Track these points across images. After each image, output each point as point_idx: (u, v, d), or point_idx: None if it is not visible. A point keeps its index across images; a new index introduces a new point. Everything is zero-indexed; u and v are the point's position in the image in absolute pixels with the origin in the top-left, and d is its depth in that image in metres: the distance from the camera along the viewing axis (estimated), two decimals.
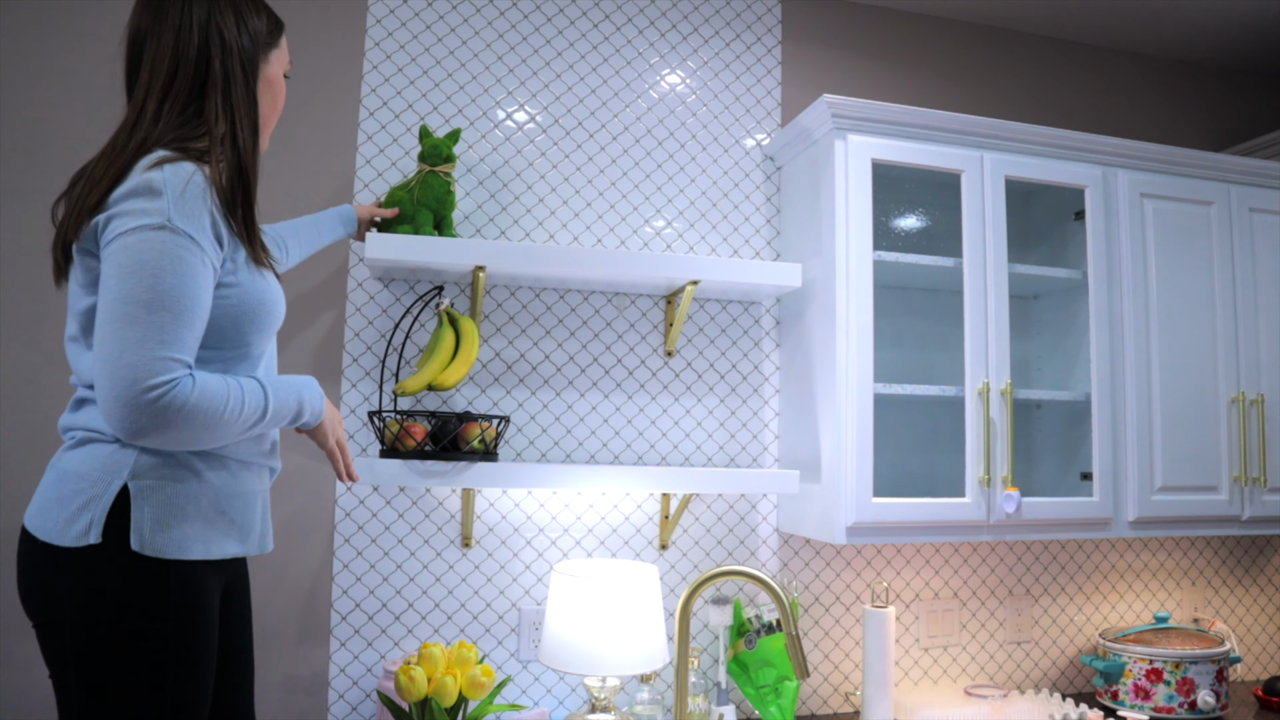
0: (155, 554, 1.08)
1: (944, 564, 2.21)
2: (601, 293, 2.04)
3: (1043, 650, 2.27)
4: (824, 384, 1.90)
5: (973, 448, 1.89)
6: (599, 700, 1.70)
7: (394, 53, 1.98)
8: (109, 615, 1.06)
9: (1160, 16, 2.39)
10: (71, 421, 1.15)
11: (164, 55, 1.15)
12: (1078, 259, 2.12)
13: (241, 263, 1.16)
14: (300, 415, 1.21)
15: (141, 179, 1.07)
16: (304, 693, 1.81)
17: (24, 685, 1.68)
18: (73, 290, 1.15)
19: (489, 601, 1.91)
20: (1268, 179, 2.20)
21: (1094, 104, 2.52)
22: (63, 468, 1.12)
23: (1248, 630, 2.46)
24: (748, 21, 2.23)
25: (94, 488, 1.09)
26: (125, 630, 1.06)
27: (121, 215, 1.06)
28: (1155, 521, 2.02)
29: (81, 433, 1.13)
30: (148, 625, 1.07)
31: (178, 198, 1.07)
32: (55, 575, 1.08)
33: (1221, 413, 2.08)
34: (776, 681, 1.87)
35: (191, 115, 1.16)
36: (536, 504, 1.96)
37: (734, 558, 2.07)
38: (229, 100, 1.17)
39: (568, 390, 2.00)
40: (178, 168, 1.09)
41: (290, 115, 1.92)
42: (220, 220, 1.12)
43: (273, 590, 1.81)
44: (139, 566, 1.08)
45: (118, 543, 1.07)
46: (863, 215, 1.87)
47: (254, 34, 1.22)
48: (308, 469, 1.85)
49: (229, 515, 1.18)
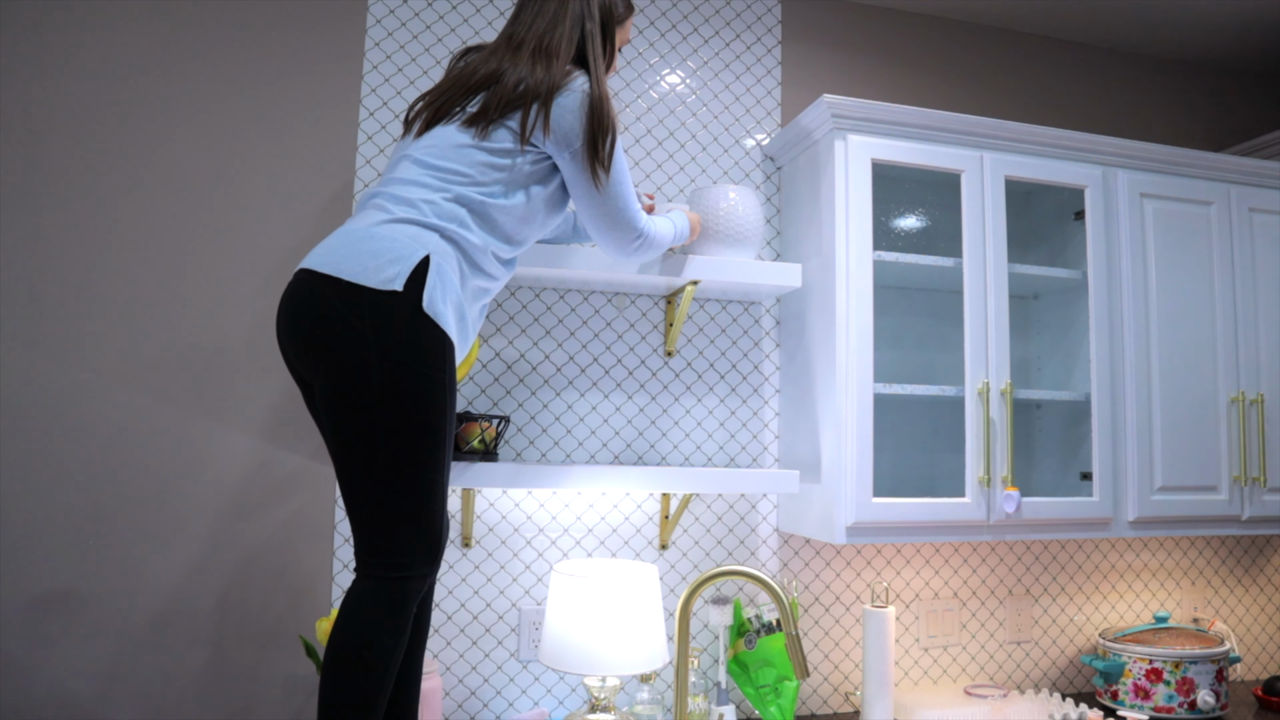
0: (435, 318, 1.32)
1: (944, 564, 2.21)
2: (601, 293, 2.04)
3: (1043, 650, 2.27)
4: (824, 384, 1.90)
5: (973, 448, 1.89)
6: (599, 700, 1.70)
7: (394, 53, 1.98)
8: (401, 350, 1.28)
9: (1160, 16, 2.39)
10: (387, 212, 1.37)
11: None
12: (1078, 259, 2.12)
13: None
14: (680, 238, 1.73)
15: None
16: (304, 693, 1.81)
17: (24, 685, 1.68)
18: (452, 134, 1.44)
19: (489, 601, 1.91)
20: (1268, 179, 2.20)
21: (1094, 104, 2.52)
22: (375, 233, 1.33)
23: (1248, 630, 2.46)
24: (748, 21, 2.23)
25: (404, 249, 1.32)
26: (415, 367, 1.29)
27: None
28: (1155, 521, 2.02)
29: (397, 212, 1.37)
30: (429, 369, 1.30)
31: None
32: (353, 309, 1.28)
33: (1221, 413, 2.09)
34: (776, 681, 1.87)
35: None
36: (536, 504, 1.96)
37: (734, 558, 2.07)
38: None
39: (568, 390, 2.00)
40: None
41: (290, 115, 1.92)
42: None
43: (273, 590, 1.81)
44: (426, 322, 1.31)
45: (413, 299, 1.30)
46: (863, 215, 1.87)
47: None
48: (308, 469, 1.85)
49: (470, 328, 1.46)
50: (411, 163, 1.43)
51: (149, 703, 1.73)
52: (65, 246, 1.78)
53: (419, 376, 1.29)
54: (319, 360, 1.30)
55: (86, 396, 1.76)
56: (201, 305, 1.83)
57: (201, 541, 1.79)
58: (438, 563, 1.33)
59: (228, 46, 1.90)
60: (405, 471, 1.28)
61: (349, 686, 1.23)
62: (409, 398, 1.28)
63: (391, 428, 1.27)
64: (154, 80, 1.85)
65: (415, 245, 1.33)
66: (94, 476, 1.75)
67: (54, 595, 1.71)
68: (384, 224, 1.35)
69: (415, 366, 1.29)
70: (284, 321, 1.35)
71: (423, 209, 1.37)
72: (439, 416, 1.31)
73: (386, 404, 1.27)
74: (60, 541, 1.72)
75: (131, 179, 1.82)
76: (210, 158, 1.87)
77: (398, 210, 1.37)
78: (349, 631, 1.24)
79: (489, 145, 1.42)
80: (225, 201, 1.87)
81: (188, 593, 1.77)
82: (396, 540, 1.28)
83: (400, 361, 1.28)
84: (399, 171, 1.43)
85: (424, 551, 1.30)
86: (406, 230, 1.35)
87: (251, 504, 1.82)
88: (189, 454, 1.80)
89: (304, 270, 1.34)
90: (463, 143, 1.42)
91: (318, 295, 1.30)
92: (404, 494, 1.28)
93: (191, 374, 1.81)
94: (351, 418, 1.28)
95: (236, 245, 1.86)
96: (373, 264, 1.30)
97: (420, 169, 1.41)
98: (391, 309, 1.29)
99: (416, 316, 1.30)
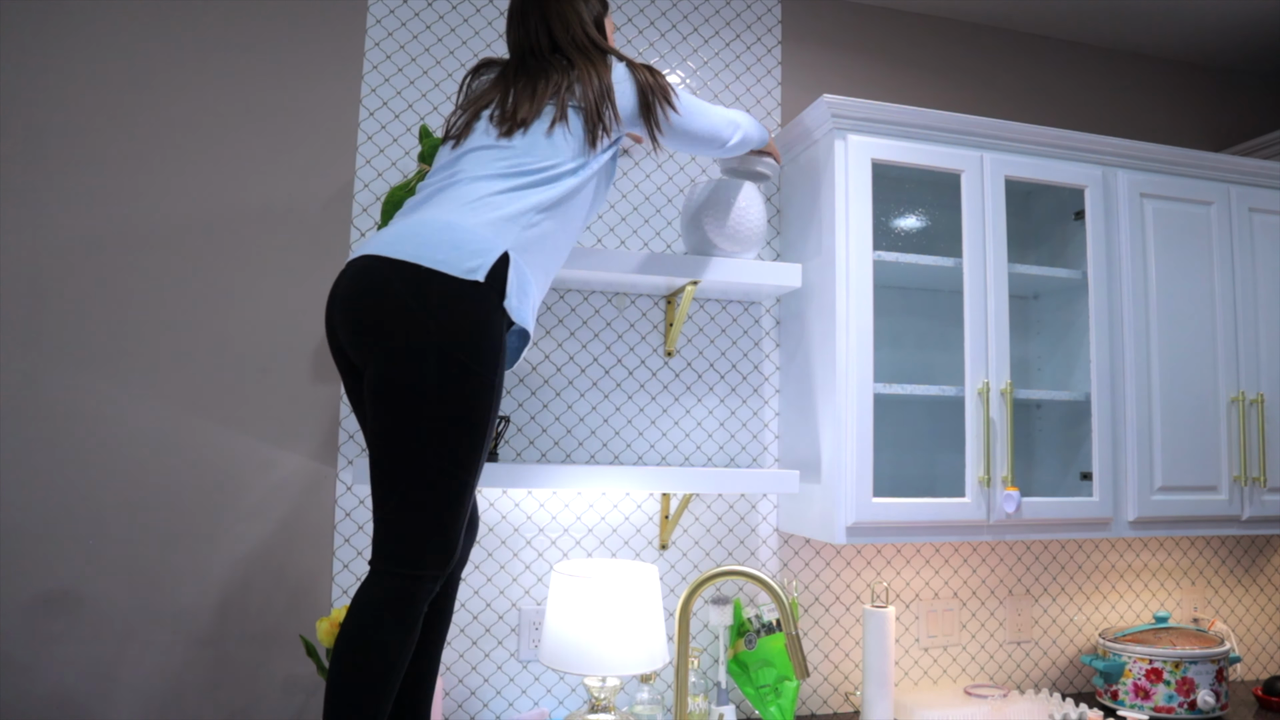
0: (512, 315, 1.34)
1: (944, 564, 2.21)
2: (601, 293, 2.04)
3: (1043, 650, 2.27)
4: (824, 384, 1.90)
5: (973, 448, 1.89)
6: (599, 700, 1.70)
7: (394, 53, 1.98)
8: (462, 346, 1.28)
9: (1160, 16, 2.39)
10: (462, 205, 1.38)
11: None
12: (1078, 259, 2.12)
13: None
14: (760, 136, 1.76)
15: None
16: (304, 693, 1.81)
17: (24, 685, 1.68)
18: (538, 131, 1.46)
19: (489, 601, 1.91)
20: (1268, 179, 2.20)
21: (1094, 104, 2.52)
22: (460, 227, 1.34)
23: (1248, 630, 2.46)
24: (748, 21, 2.23)
25: (484, 245, 1.33)
26: (472, 365, 1.28)
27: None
28: (1155, 521, 2.02)
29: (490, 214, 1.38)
30: (485, 369, 1.30)
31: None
32: (422, 297, 1.28)
33: (1221, 413, 2.09)
34: (776, 681, 1.87)
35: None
36: (536, 504, 1.96)
37: (734, 558, 2.07)
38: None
39: (568, 390, 2.00)
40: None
41: (290, 115, 1.92)
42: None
43: (273, 590, 1.81)
44: (499, 319, 1.33)
45: (493, 293, 1.32)
46: (863, 215, 1.87)
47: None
48: (308, 469, 1.85)
49: (536, 320, 1.47)
50: (478, 159, 1.43)
51: (149, 702, 1.73)
52: (65, 246, 1.78)
53: (473, 376, 1.28)
54: (376, 345, 1.29)
55: (86, 396, 1.76)
56: (201, 305, 1.83)
57: (201, 541, 1.79)
58: (450, 566, 1.31)
59: (228, 46, 1.90)
60: (440, 469, 1.27)
61: (355, 678, 1.23)
62: (459, 395, 1.27)
63: (436, 423, 1.26)
64: (154, 80, 1.85)
65: (496, 238, 1.33)
66: (94, 477, 1.75)
67: (54, 595, 1.71)
68: (461, 217, 1.35)
69: (472, 365, 1.28)
70: (340, 304, 1.33)
71: (496, 203, 1.37)
72: (483, 420, 1.30)
73: (437, 398, 1.26)
74: (60, 541, 1.72)
75: (131, 179, 1.82)
76: (210, 157, 1.87)
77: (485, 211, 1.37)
78: (359, 625, 1.24)
79: (559, 143, 1.45)
80: (225, 201, 1.87)
81: (188, 593, 1.77)
82: (416, 539, 1.27)
83: (459, 358, 1.27)
84: (467, 167, 1.43)
85: (440, 554, 1.28)
86: (487, 221, 1.35)
87: (251, 504, 1.82)
88: (189, 454, 1.80)
89: (369, 256, 1.33)
90: (534, 142, 1.44)
91: (385, 279, 1.29)
92: (433, 492, 1.27)
93: (192, 374, 1.81)
94: (398, 408, 1.27)
95: (236, 245, 1.86)
96: (455, 254, 1.30)
97: (490, 160, 1.42)
98: (467, 300, 1.29)
99: (493, 312, 1.31)
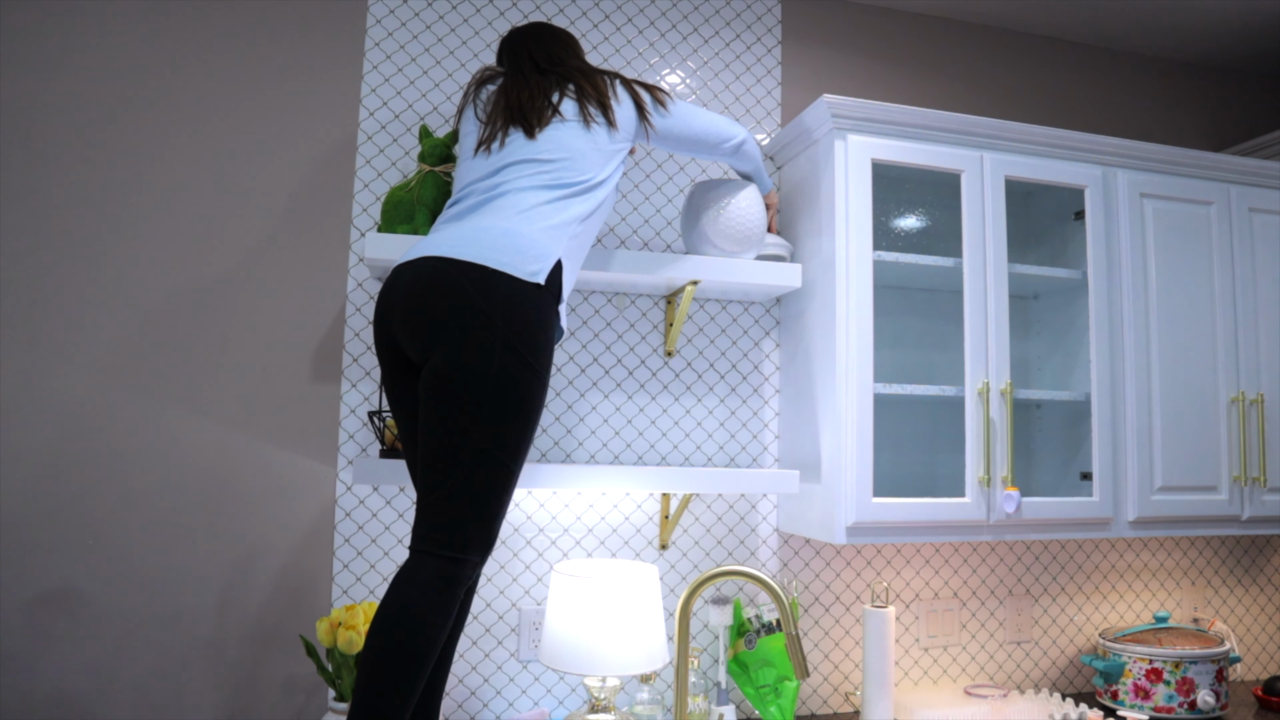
0: (561, 316, 1.44)
1: (944, 564, 2.21)
2: (601, 293, 2.04)
3: (1043, 650, 2.27)
4: (824, 384, 1.90)
5: (973, 448, 1.89)
6: (599, 700, 1.70)
7: (394, 53, 1.98)
8: (524, 343, 1.34)
9: (1160, 17, 2.39)
10: (513, 213, 1.45)
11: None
12: (1078, 259, 2.12)
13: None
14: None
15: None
16: (304, 693, 1.81)
17: (24, 684, 1.68)
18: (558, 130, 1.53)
19: (489, 601, 1.91)
20: (1268, 179, 2.20)
21: (1094, 104, 2.52)
22: (522, 234, 1.40)
23: (1248, 630, 2.46)
24: (748, 21, 2.23)
25: (544, 250, 1.40)
26: (531, 362, 1.35)
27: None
28: (1155, 521, 2.02)
29: (545, 222, 1.45)
30: (542, 367, 1.37)
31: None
32: (488, 295, 1.34)
33: (1221, 413, 2.09)
34: (776, 681, 1.87)
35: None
36: (536, 504, 1.96)
37: (734, 558, 2.07)
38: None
39: (568, 390, 2.00)
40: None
41: (290, 115, 1.92)
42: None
43: (273, 590, 1.81)
44: (555, 320, 1.41)
45: (552, 294, 1.41)
46: (863, 215, 1.87)
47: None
48: (308, 469, 1.85)
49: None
50: (520, 171, 1.49)
51: (149, 702, 1.73)
52: (65, 246, 1.78)
53: (532, 372, 1.35)
54: (439, 339, 1.34)
55: (86, 396, 1.76)
56: (201, 305, 1.83)
57: (202, 541, 1.79)
58: (489, 554, 1.38)
59: (228, 46, 1.90)
60: (495, 458, 1.33)
61: (395, 657, 1.23)
62: (518, 391, 1.34)
63: (495, 416, 1.32)
64: (154, 80, 1.85)
65: (552, 245, 1.42)
66: (94, 476, 1.75)
67: (54, 594, 1.71)
68: (518, 224, 1.42)
69: (532, 361, 1.35)
70: (404, 301, 1.38)
71: (546, 213, 1.44)
72: (536, 413, 1.37)
73: (498, 392, 1.32)
74: (60, 541, 1.72)
75: (131, 179, 1.82)
76: (210, 157, 1.87)
77: (539, 220, 1.44)
78: (400, 604, 1.25)
79: (590, 157, 1.52)
80: (225, 201, 1.87)
81: (188, 593, 1.77)
82: (464, 524, 1.31)
83: (520, 354, 1.34)
84: (510, 179, 1.48)
85: (484, 540, 1.34)
86: (543, 229, 1.42)
87: (251, 504, 1.82)
88: (189, 454, 1.80)
89: (433, 257, 1.38)
90: (582, 147, 1.51)
91: (453, 278, 1.35)
92: (486, 480, 1.32)
93: (192, 374, 1.81)
94: (462, 398, 1.32)
95: (236, 245, 1.86)
96: (518, 258, 1.37)
97: (533, 174, 1.48)
98: (531, 300, 1.36)
99: (551, 313, 1.39)
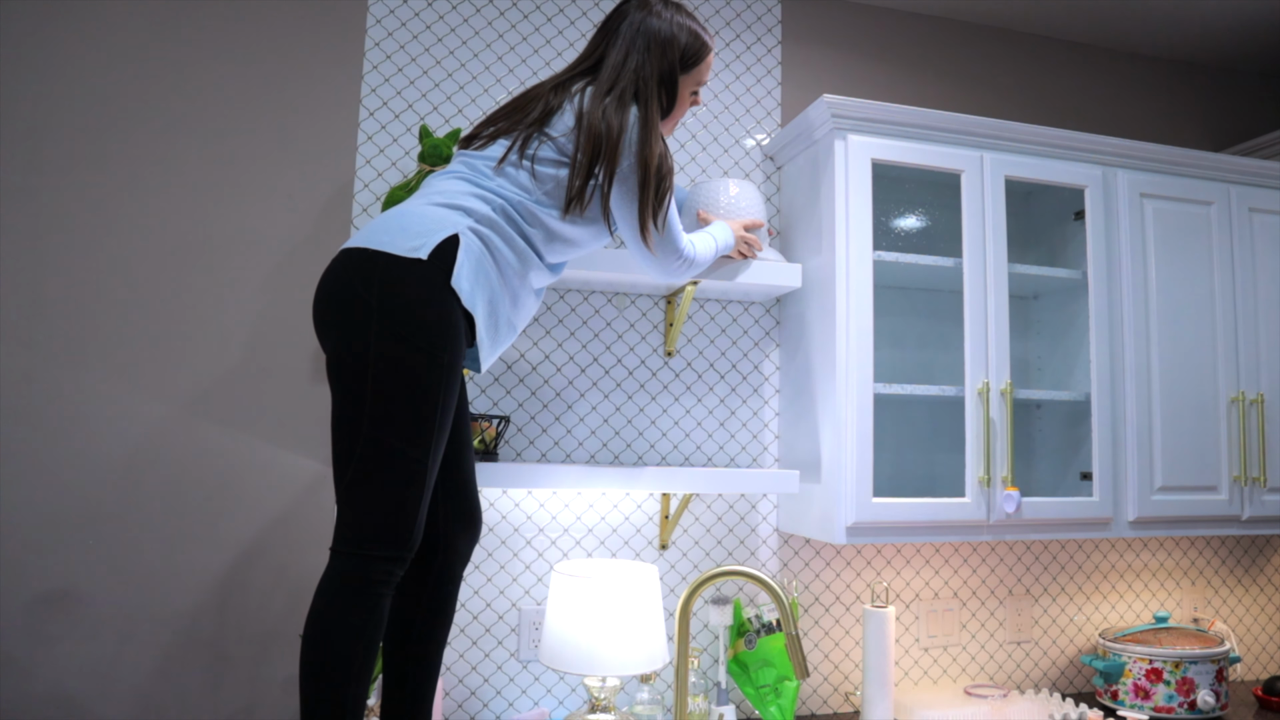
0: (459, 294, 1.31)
1: (944, 564, 2.21)
2: (601, 293, 2.04)
3: (1043, 650, 2.27)
4: (824, 384, 1.90)
5: (973, 448, 1.89)
6: (599, 700, 1.70)
7: (394, 53, 1.98)
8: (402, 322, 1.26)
9: (1160, 17, 2.39)
10: (442, 197, 1.40)
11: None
12: (1077, 259, 2.12)
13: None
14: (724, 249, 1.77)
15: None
16: None
17: (24, 684, 1.68)
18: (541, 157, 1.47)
19: (489, 601, 1.91)
20: (1268, 179, 2.20)
21: (1094, 104, 2.52)
22: (411, 213, 1.36)
23: (1248, 630, 2.46)
24: (748, 21, 2.23)
25: (431, 225, 1.33)
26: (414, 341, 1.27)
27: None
28: (1155, 521, 2.02)
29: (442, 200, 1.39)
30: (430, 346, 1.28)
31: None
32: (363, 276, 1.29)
33: (1221, 413, 2.08)
34: (776, 681, 1.87)
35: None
36: (536, 504, 1.96)
37: (734, 558, 2.07)
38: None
39: (568, 390, 2.00)
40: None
41: (290, 115, 1.92)
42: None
43: (273, 590, 1.81)
44: (446, 297, 1.30)
45: (437, 270, 1.30)
46: (863, 215, 1.87)
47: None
48: (308, 469, 1.85)
49: (503, 326, 1.43)
50: (462, 163, 1.48)
51: (149, 702, 1.73)
52: (65, 246, 1.78)
53: (416, 351, 1.26)
54: (328, 332, 1.32)
55: (86, 397, 1.76)
56: (201, 305, 1.83)
57: (201, 541, 1.79)
58: (405, 554, 1.27)
59: (228, 47, 1.90)
60: (386, 447, 1.25)
61: (314, 658, 1.22)
62: (401, 372, 1.25)
63: (378, 399, 1.25)
64: (154, 80, 1.85)
65: (441, 221, 1.34)
66: (94, 476, 1.75)
67: (54, 595, 1.71)
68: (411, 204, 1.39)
69: (415, 341, 1.26)
70: (314, 301, 1.39)
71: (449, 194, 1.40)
72: (429, 396, 1.27)
73: (378, 375, 1.25)
74: (60, 541, 1.72)
75: (131, 179, 1.82)
76: (210, 157, 1.87)
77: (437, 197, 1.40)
78: (314, 608, 1.25)
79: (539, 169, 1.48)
80: (225, 201, 1.87)
81: (188, 593, 1.77)
82: (363, 518, 1.25)
83: (399, 334, 1.26)
84: (450, 170, 1.48)
85: (393, 535, 1.25)
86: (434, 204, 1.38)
87: (251, 504, 1.82)
88: (189, 454, 1.80)
89: (340, 250, 1.38)
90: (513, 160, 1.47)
91: (339, 268, 1.33)
92: (380, 470, 1.25)
93: (191, 374, 1.81)
94: (344, 387, 1.27)
95: (236, 245, 1.86)
96: (400, 235, 1.31)
97: (470, 169, 1.46)
98: (408, 276, 1.28)
99: (436, 289, 1.29)
